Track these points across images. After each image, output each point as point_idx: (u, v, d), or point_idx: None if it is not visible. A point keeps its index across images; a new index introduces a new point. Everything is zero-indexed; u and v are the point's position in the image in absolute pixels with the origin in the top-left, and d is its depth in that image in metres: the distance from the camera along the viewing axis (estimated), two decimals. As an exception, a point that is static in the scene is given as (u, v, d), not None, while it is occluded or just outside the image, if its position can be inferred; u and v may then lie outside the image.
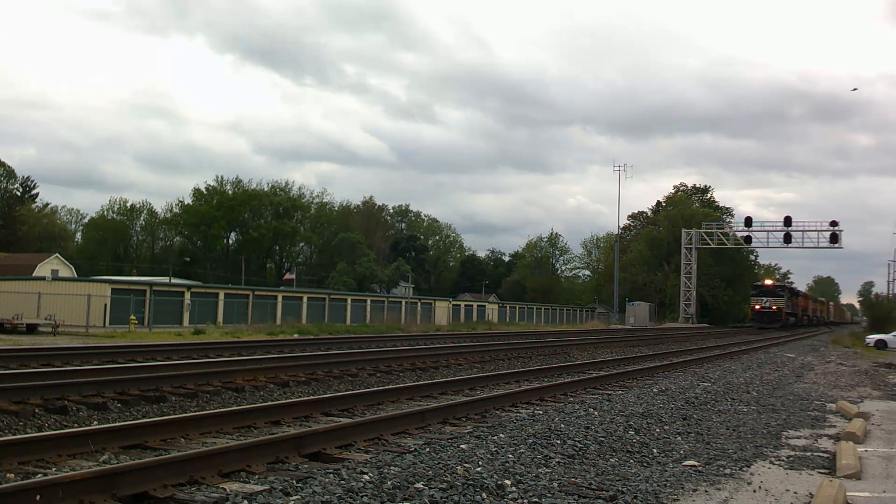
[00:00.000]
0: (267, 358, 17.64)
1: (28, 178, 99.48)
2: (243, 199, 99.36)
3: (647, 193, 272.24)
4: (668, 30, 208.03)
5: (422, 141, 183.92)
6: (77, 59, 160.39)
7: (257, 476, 6.75)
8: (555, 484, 6.74)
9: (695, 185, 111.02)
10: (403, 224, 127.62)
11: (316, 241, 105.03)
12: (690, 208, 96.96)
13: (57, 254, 78.69)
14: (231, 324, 41.58)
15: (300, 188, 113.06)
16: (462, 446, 8.21)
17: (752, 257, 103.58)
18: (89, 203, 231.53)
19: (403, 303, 61.05)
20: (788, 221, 79.56)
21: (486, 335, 38.57)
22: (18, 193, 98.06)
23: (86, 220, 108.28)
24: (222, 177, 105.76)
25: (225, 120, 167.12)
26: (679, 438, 9.55)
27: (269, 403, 10.81)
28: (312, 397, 11.56)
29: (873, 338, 43.16)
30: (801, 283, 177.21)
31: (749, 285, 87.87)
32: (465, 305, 71.55)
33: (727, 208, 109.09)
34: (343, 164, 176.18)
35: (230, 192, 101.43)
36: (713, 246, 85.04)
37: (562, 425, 9.78)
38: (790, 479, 7.53)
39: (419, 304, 63.09)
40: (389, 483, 6.41)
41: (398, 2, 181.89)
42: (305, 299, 51.87)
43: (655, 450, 8.68)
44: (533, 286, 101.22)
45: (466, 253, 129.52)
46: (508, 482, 6.66)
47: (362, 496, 6.04)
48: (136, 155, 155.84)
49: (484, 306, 73.84)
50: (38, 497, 5.31)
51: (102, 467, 6.58)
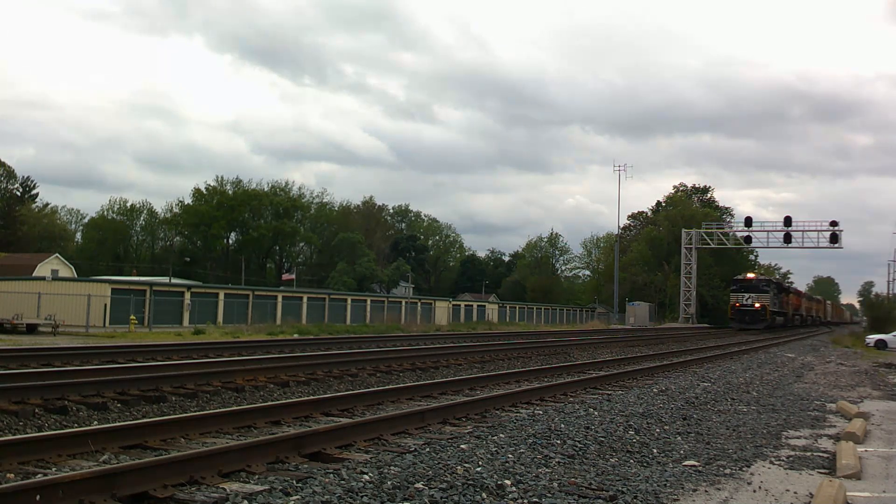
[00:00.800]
0: (267, 358, 17.64)
1: (28, 178, 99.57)
2: (243, 199, 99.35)
3: (647, 193, 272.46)
4: (668, 30, 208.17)
5: (421, 141, 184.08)
6: (76, 60, 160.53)
7: (257, 476, 6.75)
8: (555, 484, 6.74)
9: (695, 186, 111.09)
10: (403, 224, 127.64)
11: (316, 241, 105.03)
12: (690, 208, 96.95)
13: (57, 254, 78.69)
14: (231, 324, 41.58)
15: (300, 188, 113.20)
16: (462, 446, 8.21)
17: (752, 257, 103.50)
18: (89, 203, 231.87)
19: (403, 303, 61.05)
20: (788, 221, 79.49)
21: (486, 335, 38.57)
22: (18, 193, 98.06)
23: (86, 220, 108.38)
24: (222, 177, 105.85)
25: (224, 120, 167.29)
26: (679, 438, 9.55)
27: (269, 403, 10.82)
28: (312, 397, 11.56)
29: (873, 338, 43.16)
30: (801, 283, 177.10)
31: None
32: (465, 305, 71.56)
33: (727, 208, 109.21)
34: (342, 164, 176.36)
35: (230, 192, 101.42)
36: (713, 246, 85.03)
37: (562, 425, 9.78)
38: (790, 479, 7.53)
39: (419, 304, 63.10)
40: (389, 483, 6.41)
41: (397, 2, 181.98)
42: (305, 299, 51.87)
43: (655, 450, 8.68)
44: (533, 286, 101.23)
45: (466, 253, 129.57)
46: (508, 482, 6.66)
47: (362, 496, 6.04)
48: (136, 155, 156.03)
49: (484, 306, 73.85)
50: (38, 497, 5.31)
51: (102, 467, 6.58)
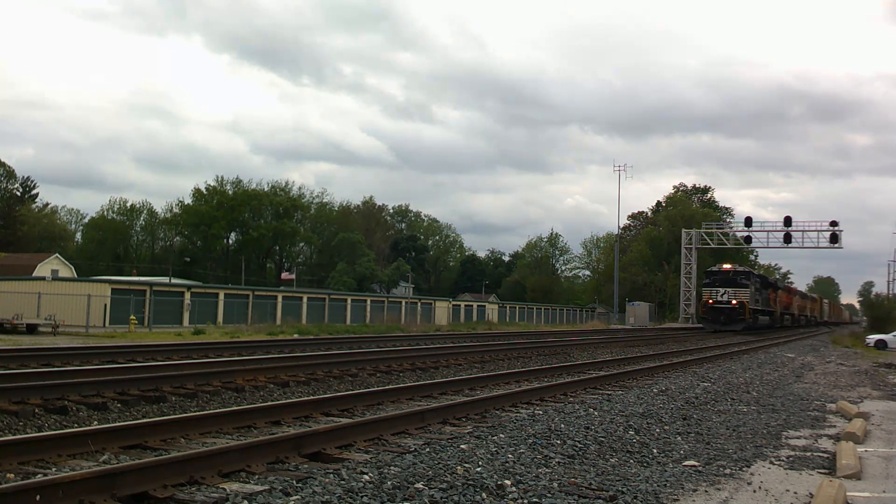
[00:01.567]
0: (267, 358, 17.64)
1: (28, 178, 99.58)
2: (243, 200, 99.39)
3: (646, 193, 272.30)
4: (667, 30, 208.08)
5: (420, 141, 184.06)
6: (75, 60, 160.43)
7: (257, 476, 6.75)
8: (555, 484, 6.74)
9: (695, 186, 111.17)
10: (403, 224, 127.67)
11: (316, 241, 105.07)
12: (690, 208, 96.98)
13: (57, 254, 78.71)
14: (231, 324, 41.58)
15: (300, 188, 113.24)
16: (462, 446, 8.21)
17: (752, 257, 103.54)
18: (88, 203, 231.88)
19: (403, 303, 61.06)
20: (788, 221, 79.37)
21: (486, 335, 38.57)
22: (18, 193, 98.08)
23: (86, 220, 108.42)
24: (222, 177, 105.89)
25: (223, 120, 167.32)
26: (679, 438, 9.55)
27: (269, 403, 10.82)
28: (312, 397, 11.57)
29: (873, 338, 43.17)
30: (801, 283, 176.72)
31: None
32: (465, 305, 71.57)
33: (727, 208, 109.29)
34: (342, 164, 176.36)
35: (230, 193, 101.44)
36: (713, 246, 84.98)
37: (562, 425, 9.78)
38: (790, 479, 7.53)
39: (419, 304, 63.10)
40: (389, 483, 6.41)
41: (395, 1, 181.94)
42: (305, 299, 51.88)
43: (655, 450, 8.68)
44: (533, 286, 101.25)
45: (466, 253, 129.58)
46: (508, 482, 6.66)
47: (362, 496, 6.04)
48: (135, 155, 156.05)
49: (484, 306, 73.86)
50: (38, 497, 5.31)
51: (102, 467, 6.58)
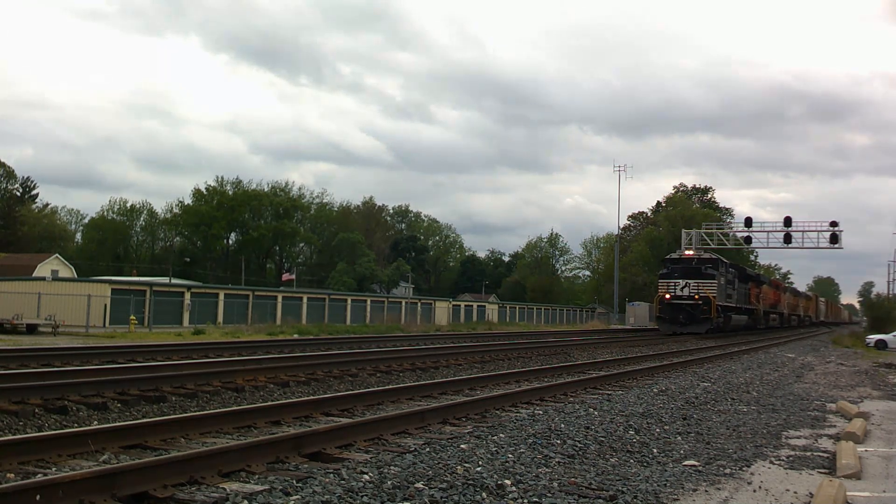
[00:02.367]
0: (267, 358, 17.64)
1: (28, 179, 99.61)
2: (243, 200, 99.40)
3: (645, 193, 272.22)
4: (666, 30, 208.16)
5: (419, 141, 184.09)
6: (73, 59, 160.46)
7: (257, 476, 6.75)
8: (555, 484, 6.74)
9: (695, 186, 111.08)
10: (403, 224, 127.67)
11: (316, 242, 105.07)
12: (690, 209, 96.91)
13: (57, 254, 78.73)
14: (231, 324, 41.59)
15: (300, 188, 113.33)
16: (462, 446, 8.21)
17: (752, 258, 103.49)
18: (88, 203, 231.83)
19: (403, 303, 61.06)
20: (788, 222, 79.13)
21: (486, 335, 38.57)
22: (18, 193, 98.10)
23: (86, 221, 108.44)
24: (222, 177, 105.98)
25: (222, 120, 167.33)
26: (679, 438, 9.55)
27: (269, 403, 10.82)
28: (312, 397, 11.56)
29: (873, 338, 43.16)
30: (801, 284, 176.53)
31: None
32: (465, 305, 71.55)
33: (727, 209, 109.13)
34: (341, 164, 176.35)
35: (230, 193, 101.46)
36: (713, 246, 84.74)
37: (562, 425, 9.78)
38: (790, 479, 7.53)
39: (419, 305, 63.10)
40: (389, 483, 6.41)
41: (393, 1, 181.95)
42: (305, 299, 51.88)
43: (655, 450, 8.68)
44: (533, 286, 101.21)
45: (466, 253, 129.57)
46: (508, 482, 6.66)
47: (362, 496, 6.04)
48: (134, 155, 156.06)
49: (484, 306, 73.85)
50: (39, 497, 5.31)
51: (102, 467, 6.58)
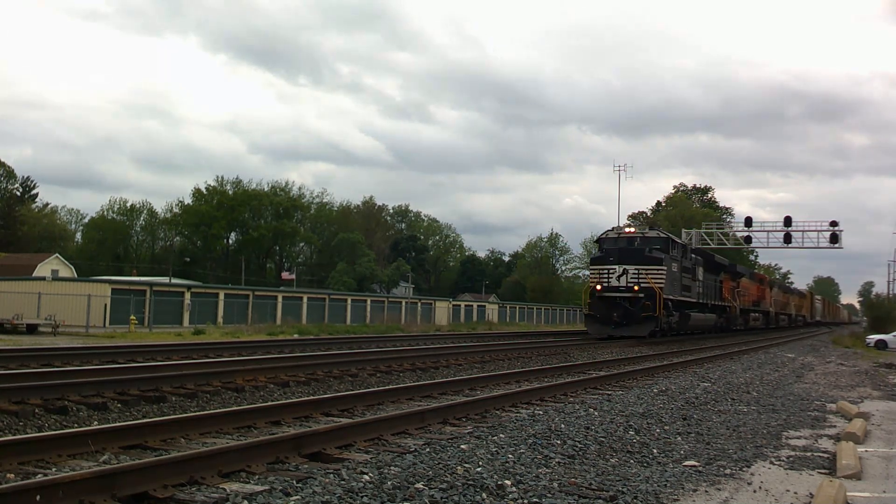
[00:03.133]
0: (267, 358, 17.63)
1: (28, 178, 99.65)
2: (243, 200, 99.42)
3: (644, 193, 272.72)
4: (664, 30, 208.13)
5: (419, 141, 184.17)
6: (72, 59, 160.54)
7: (257, 476, 6.75)
8: (555, 484, 6.74)
9: (695, 186, 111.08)
10: (403, 224, 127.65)
11: (316, 242, 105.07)
12: (690, 208, 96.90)
13: (57, 254, 78.74)
14: (231, 324, 41.59)
15: (300, 188, 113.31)
16: (462, 446, 8.20)
17: (753, 257, 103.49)
18: (87, 203, 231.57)
19: (403, 303, 61.05)
20: (788, 221, 78.98)
21: (487, 335, 38.57)
22: (18, 193, 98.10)
23: (86, 220, 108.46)
24: (222, 177, 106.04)
25: (221, 120, 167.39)
26: (679, 438, 9.55)
27: (269, 403, 10.81)
28: (312, 397, 11.56)
29: (873, 338, 43.19)
30: (801, 284, 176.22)
31: None
32: (465, 305, 71.55)
33: (727, 208, 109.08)
34: (340, 164, 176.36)
35: (230, 193, 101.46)
36: (713, 246, 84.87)
37: (562, 425, 9.78)
38: (790, 480, 7.53)
39: (419, 305, 63.09)
40: (389, 483, 6.41)
41: (391, 1, 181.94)
42: (305, 299, 51.88)
43: (655, 450, 8.68)
44: (533, 286, 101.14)
45: (466, 253, 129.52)
46: (508, 482, 6.66)
47: (362, 496, 6.04)
48: (133, 155, 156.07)
49: (484, 306, 73.84)
50: (39, 497, 5.31)
51: (102, 467, 6.58)
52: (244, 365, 15.40)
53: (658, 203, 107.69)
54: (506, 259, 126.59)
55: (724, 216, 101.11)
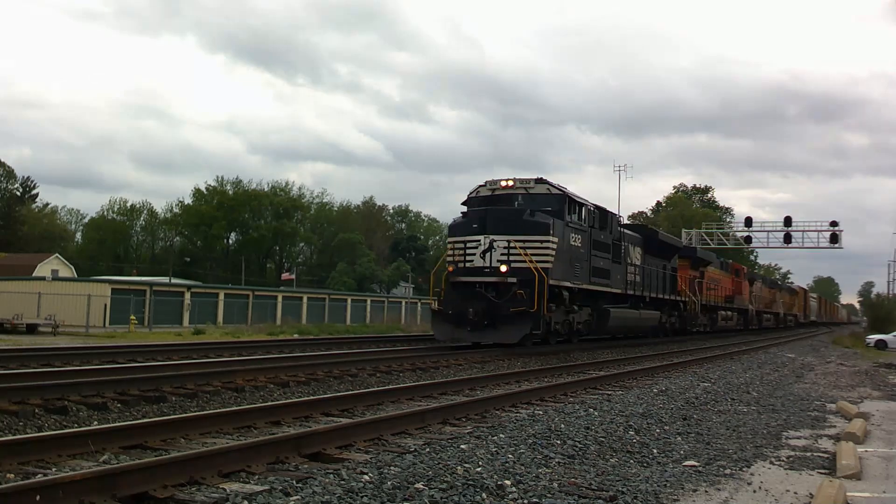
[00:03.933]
0: (267, 358, 17.62)
1: (28, 179, 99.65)
2: (243, 200, 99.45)
3: (644, 194, 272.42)
4: (663, 29, 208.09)
5: (417, 141, 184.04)
6: (71, 60, 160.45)
7: (257, 476, 6.75)
8: (555, 484, 6.74)
9: (695, 186, 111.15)
10: (403, 224, 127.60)
11: (316, 242, 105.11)
12: (690, 209, 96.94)
13: (57, 254, 78.81)
14: (231, 324, 41.61)
15: (300, 188, 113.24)
16: (462, 446, 8.20)
17: (752, 257, 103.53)
18: (87, 203, 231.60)
19: (403, 303, 61.06)
20: (788, 221, 79.19)
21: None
22: (18, 193, 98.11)
23: (86, 221, 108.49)
24: (222, 177, 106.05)
25: (219, 120, 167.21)
26: (679, 439, 9.55)
27: (269, 403, 10.81)
28: (312, 397, 11.56)
29: (873, 338, 43.22)
30: (801, 283, 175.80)
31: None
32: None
33: (727, 208, 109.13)
34: (339, 164, 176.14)
35: (230, 193, 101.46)
36: (713, 246, 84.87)
37: (562, 425, 9.77)
38: (790, 480, 7.53)
39: (419, 304, 63.10)
40: (389, 483, 6.41)
41: (389, 1, 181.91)
42: (305, 299, 51.91)
43: (655, 450, 8.68)
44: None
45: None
46: (508, 482, 6.66)
47: (362, 496, 6.04)
48: (132, 155, 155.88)
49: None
50: (38, 497, 5.31)
51: (102, 467, 6.58)
52: (244, 365, 15.39)
53: (658, 203, 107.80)
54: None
55: (725, 216, 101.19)
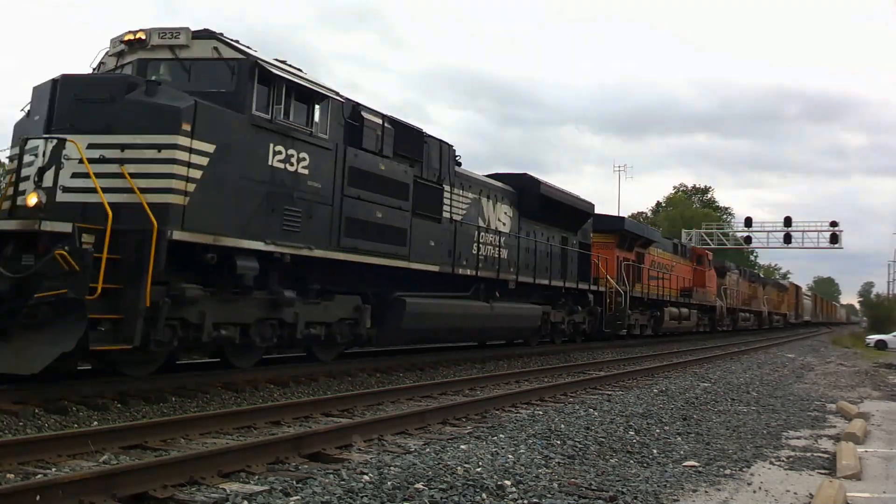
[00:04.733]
0: (267, 358, 17.59)
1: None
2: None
3: (643, 193, 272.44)
4: (661, 29, 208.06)
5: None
6: (69, 60, 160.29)
7: (257, 476, 6.75)
8: (555, 484, 6.74)
9: (695, 186, 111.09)
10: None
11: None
12: (690, 209, 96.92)
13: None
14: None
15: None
16: (462, 447, 8.21)
17: (752, 258, 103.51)
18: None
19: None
20: (788, 222, 79.16)
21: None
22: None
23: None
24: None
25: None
26: (679, 439, 9.55)
27: (270, 404, 10.82)
28: (312, 398, 11.56)
29: (873, 338, 43.25)
30: (801, 284, 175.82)
31: None
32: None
33: (727, 208, 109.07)
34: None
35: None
36: (713, 246, 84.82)
37: (562, 426, 9.78)
38: (790, 480, 7.53)
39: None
40: (389, 483, 6.41)
41: (388, 2, 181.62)
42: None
43: (655, 450, 8.68)
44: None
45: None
46: (508, 482, 6.66)
47: (362, 496, 6.04)
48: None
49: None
50: (38, 497, 5.31)
51: (102, 467, 6.59)
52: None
53: (658, 203, 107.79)
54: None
55: (724, 216, 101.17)
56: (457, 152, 18.24)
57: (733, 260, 67.96)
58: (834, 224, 79.02)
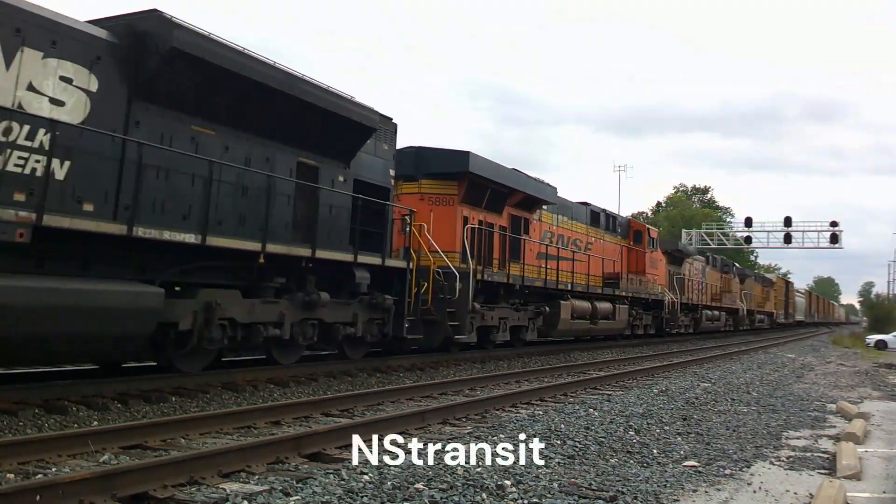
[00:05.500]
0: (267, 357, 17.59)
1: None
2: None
3: (642, 193, 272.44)
4: (661, 29, 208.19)
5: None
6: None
7: (257, 476, 6.75)
8: (555, 484, 6.74)
9: (695, 186, 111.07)
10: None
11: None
12: (691, 208, 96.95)
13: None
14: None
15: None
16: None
17: (753, 258, 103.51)
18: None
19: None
20: (788, 222, 79.19)
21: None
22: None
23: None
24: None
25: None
26: (679, 439, 9.55)
27: (270, 404, 10.82)
28: (312, 398, 11.56)
29: (873, 338, 43.24)
30: (801, 284, 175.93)
31: None
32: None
33: (727, 208, 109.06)
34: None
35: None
36: (713, 246, 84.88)
37: (562, 425, 9.78)
38: (790, 480, 7.53)
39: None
40: (389, 483, 6.42)
41: (387, 2, 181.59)
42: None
43: (655, 450, 8.68)
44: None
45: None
46: (508, 482, 6.66)
47: (362, 496, 6.04)
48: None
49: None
50: (38, 497, 5.31)
51: (102, 467, 6.59)
52: (244, 364, 15.38)
53: (658, 203, 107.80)
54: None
55: (725, 216, 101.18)
56: None
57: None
58: (834, 224, 79.08)
